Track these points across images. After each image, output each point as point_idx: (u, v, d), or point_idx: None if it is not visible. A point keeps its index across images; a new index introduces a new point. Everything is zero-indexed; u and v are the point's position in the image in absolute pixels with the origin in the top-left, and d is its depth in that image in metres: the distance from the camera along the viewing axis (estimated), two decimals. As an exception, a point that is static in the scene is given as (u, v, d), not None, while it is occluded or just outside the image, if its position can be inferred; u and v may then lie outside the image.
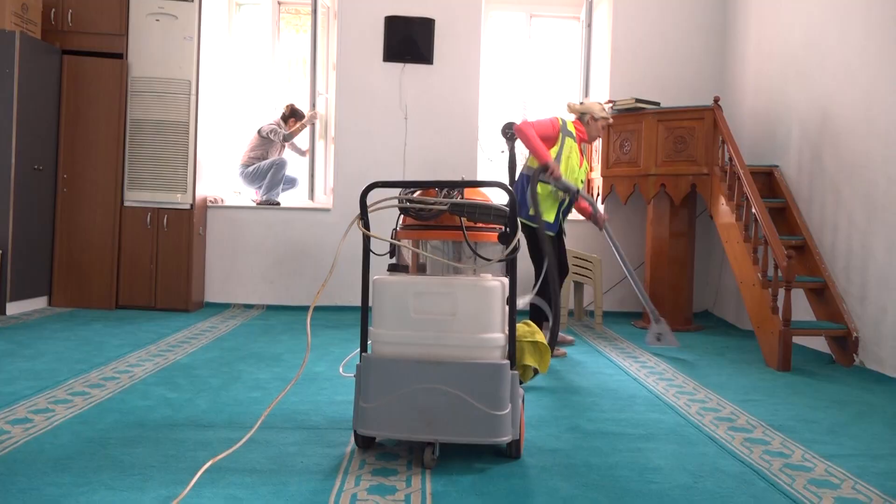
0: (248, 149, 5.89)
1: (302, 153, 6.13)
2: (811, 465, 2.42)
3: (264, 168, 5.83)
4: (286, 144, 6.01)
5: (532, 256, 4.18)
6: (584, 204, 4.36)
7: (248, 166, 5.84)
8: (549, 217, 4.11)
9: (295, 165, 6.14)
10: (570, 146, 4.16)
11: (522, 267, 4.98)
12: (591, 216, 4.38)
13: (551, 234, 4.12)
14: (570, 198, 4.15)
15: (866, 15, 4.19)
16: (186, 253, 5.42)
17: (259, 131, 5.84)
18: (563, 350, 4.32)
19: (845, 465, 2.41)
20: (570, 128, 4.22)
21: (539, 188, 4.01)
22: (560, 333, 4.35)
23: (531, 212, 3.97)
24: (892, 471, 2.38)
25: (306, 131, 5.85)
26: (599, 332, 5.14)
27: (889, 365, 3.88)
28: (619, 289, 5.93)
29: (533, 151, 4.03)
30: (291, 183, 6.09)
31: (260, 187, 5.90)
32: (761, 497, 2.13)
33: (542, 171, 3.96)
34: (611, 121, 4.48)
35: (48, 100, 5.20)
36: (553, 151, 4.09)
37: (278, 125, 5.85)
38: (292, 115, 5.92)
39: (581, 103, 4.46)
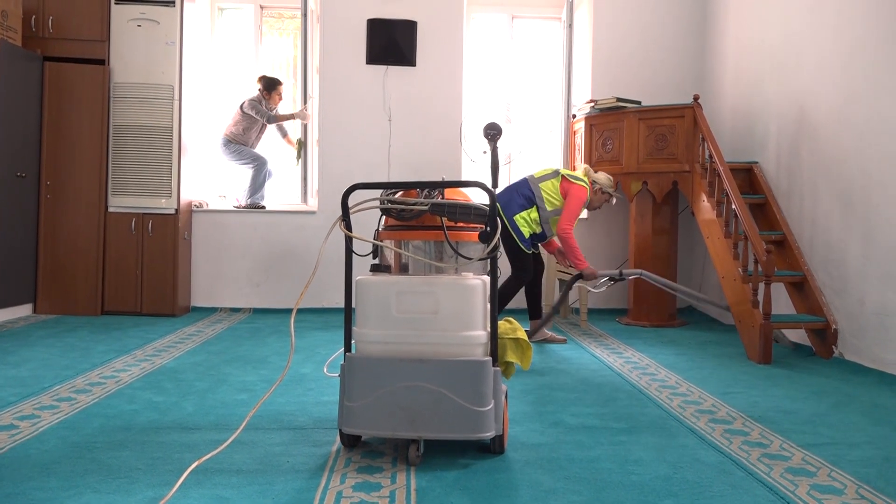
0: (231, 122, 5.81)
1: (284, 134, 6.07)
2: (789, 454, 2.47)
3: (246, 166, 5.81)
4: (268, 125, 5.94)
5: (511, 254, 4.48)
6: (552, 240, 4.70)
7: (230, 142, 5.74)
8: (526, 233, 4.45)
9: (275, 159, 6.10)
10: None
11: (508, 266, 5.03)
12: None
13: (525, 248, 4.44)
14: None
15: (838, 10, 4.26)
16: (172, 258, 5.42)
17: (241, 107, 5.76)
18: (562, 337, 4.68)
19: (822, 454, 2.47)
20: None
21: (525, 226, 4.40)
22: (552, 333, 4.67)
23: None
24: (867, 458, 2.44)
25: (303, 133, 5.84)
26: (584, 328, 5.19)
27: (867, 356, 3.95)
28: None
29: (573, 257, 4.42)
30: (269, 174, 6.02)
31: (243, 163, 5.83)
32: (739, 485, 2.18)
33: (578, 277, 4.44)
34: (614, 201, 4.76)
35: (30, 107, 5.18)
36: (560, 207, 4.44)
37: (259, 101, 5.77)
38: (267, 87, 5.83)
39: (596, 172, 4.68)
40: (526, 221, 4.39)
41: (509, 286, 4.44)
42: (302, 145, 5.95)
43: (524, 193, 4.43)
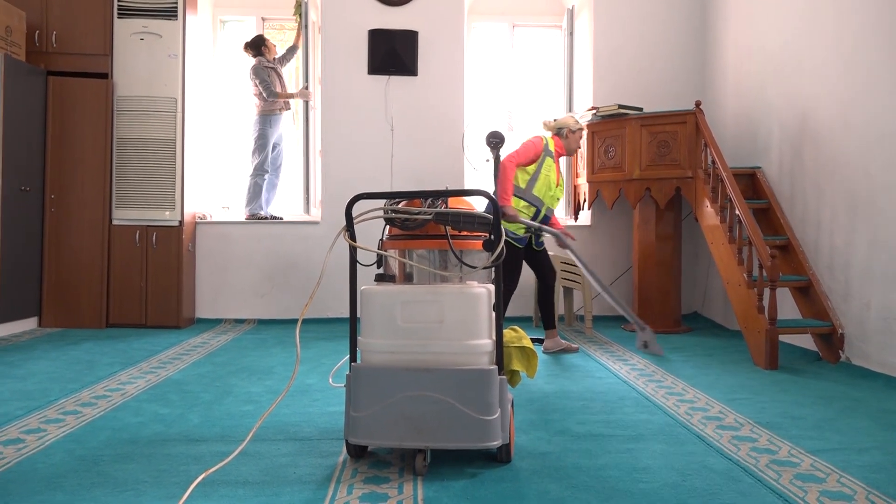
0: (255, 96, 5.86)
1: (287, 98, 5.97)
2: (797, 460, 2.46)
3: (252, 152, 5.84)
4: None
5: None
6: (554, 220, 4.62)
7: (263, 116, 5.78)
8: (518, 231, 4.34)
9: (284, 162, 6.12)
10: (549, 165, 4.42)
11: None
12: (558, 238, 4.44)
13: (519, 245, 4.35)
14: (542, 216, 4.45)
15: (837, 14, 4.27)
16: (176, 270, 5.43)
17: (251, 78, 5.79)
18: (575, 346, 4.61)
19: (831, 460, 2.45)
20: (552, 146, 4.47)
21: (515, 227, 4.30)
22: (566, 343, 4.59)
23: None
24: (876, 463, 2.42)
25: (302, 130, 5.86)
26: (589, 336, 5.18)
27: (874, 360, 3.93)
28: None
29: (499, 189, 4.27)
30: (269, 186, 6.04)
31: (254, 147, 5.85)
32: (748, 493, 2.16)
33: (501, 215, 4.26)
34: (585, 130, 4.70)
35: (34, 121, 5.21)
36: (531, 169, 4.36)
37: (258, 65, 5.75)
38: (255, 47, 5.81)
39: (555, 120, 4.64)
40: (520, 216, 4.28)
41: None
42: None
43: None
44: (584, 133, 4.67)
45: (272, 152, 5.87)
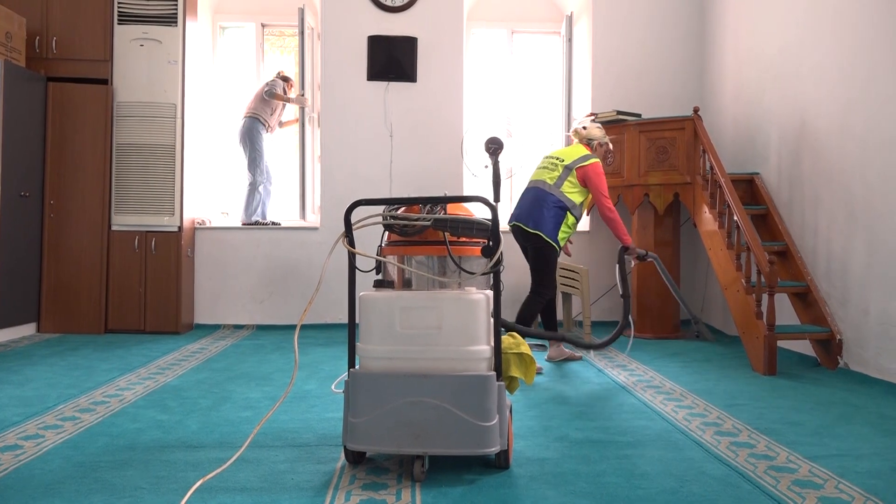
0: (251, 100, 5.95)
1: (281, 122, 6.21)
2: (795, 466, 2.46)
3: (248, 162, 5.90)
4: (271, 124, 6.04)
5: (539, 267, 4.25)
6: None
7: (254, 120, 5.87)
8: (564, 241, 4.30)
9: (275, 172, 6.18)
10: None
11: (510, 280, 5.04)
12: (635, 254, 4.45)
13: (558, 248, 4.27)
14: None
15: (836, 20, 4.28)
16: (175, 275, 5.43)
17: (264, 90, 5.92)
18: (578, 354, 4.54)
19: (829, 466, 2.45)
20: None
21: (564, 236, 4.25)
22: (570, 351, 4.50)
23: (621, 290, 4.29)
24: (874, 470, 2.42)
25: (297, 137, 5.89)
26: (588, 342, 5.17)
27: (872, 366, 3.94)
28: (606, 299, 5.98)
29: (618, 235, 4.25)
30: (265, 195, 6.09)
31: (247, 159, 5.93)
32: (746, 499, 2.16)
33: (625, 251, 4.29)
34: (611, 147, 4.64)
35: (34, 127, 5.22)
36: (585, 192, 4.28)
37: (274, 84, 5.91)
38: (285, 78, 6.05)
39: (584, 128, 4.51)
40: (566, 232, 4.22)
41: (532, 305, 4.19)
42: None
43: (554, 205, 4.16)
44: (611, 149, 4.58)
45: (265, 161, 5.91)
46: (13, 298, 5.03)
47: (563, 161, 4.28)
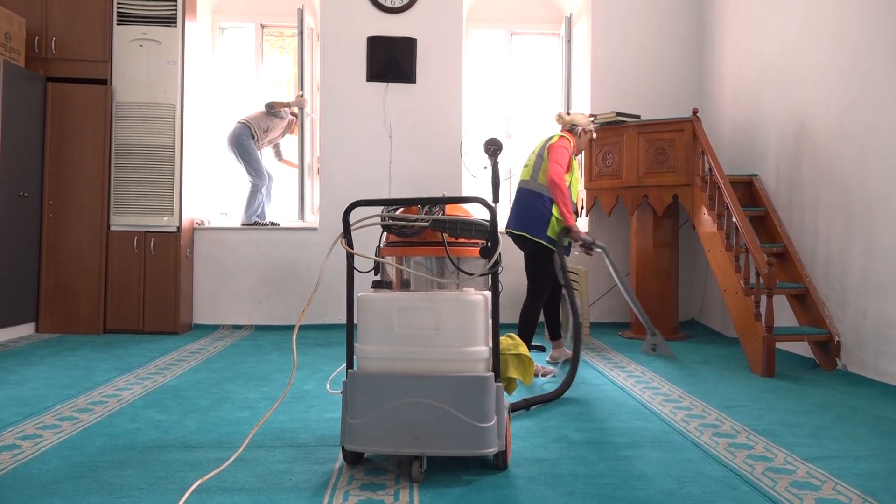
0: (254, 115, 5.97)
1: (280, 156, 6.23)
2: (793, 467, 2.46)
3: (246, 172, 5.90)
4: (269, 146, 6.07)
5: (532, 272, 4.14)
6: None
7: (247, 129, 5.84)
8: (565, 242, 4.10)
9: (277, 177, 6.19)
10: (574, 165, 4.18)
11: (509, 281, 5.04)
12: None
13: (553, 249, 4.07)
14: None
15: (835, 22, 4.29)
16: (174, 275, 5.43)
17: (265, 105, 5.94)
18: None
19: (827, 467, 2.46)
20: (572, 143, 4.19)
21: (555, 222, 4.03)
22: (570, 351, 4.31)
23: (559, 241, 4.01)
24: (872, 471, 2.43)
25: (295, 146, 5.90)
26: (587, 343, 5.18)
27: (871, 368, 3.94)
28: (605, 300, 5.99)
29: (560, 208, 3.98)
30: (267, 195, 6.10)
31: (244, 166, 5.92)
32: (744, 500, 2.16)
33: (566, 232, 4.00)
34: (594, 135, 4.54)
35: (33, 127, 5.22)
36: (568, 178, 4.07)
37: (270, 104, 5.94)
38: (286, 104, 6.03)
39: (569, 114, 4.43)
40: (555, 229, 4.04)
41: (530, 311, 4.11)
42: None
43: (535, 201, 4.06)
44: (594, 136, 4.41)
45: (262, 164, 5.92)
46: (12, 298, 5.02)
47: (534, 152, 4.22)
